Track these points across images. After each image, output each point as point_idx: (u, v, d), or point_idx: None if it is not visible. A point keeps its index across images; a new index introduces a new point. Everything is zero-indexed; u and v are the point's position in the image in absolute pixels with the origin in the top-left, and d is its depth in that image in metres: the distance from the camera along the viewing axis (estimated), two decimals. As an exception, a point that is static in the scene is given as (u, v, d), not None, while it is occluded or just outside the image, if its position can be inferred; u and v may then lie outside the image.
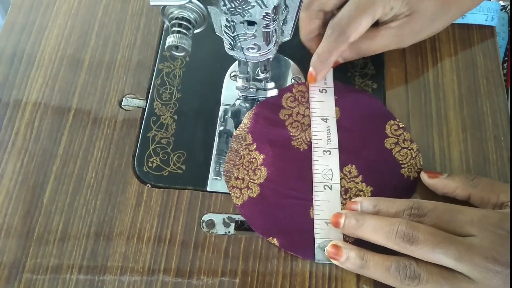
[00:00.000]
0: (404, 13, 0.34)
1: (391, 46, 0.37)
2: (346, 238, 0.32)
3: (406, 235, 0.27)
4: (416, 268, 0.27)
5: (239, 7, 0.25)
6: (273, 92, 0.38)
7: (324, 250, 0.32)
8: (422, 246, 0.27)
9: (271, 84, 0.38)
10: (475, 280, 0.26)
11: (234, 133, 0.36)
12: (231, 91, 0.40)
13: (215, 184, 0.36)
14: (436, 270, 0.27)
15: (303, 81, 0.40)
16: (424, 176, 0.34)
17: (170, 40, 0.24)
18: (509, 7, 0.46)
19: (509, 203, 0.29)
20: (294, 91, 0.38)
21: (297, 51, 0.41)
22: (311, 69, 0.37)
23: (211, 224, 0.34)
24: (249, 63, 0.34)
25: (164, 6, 0.24)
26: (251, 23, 0.26)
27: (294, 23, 0.31)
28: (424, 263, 0.27)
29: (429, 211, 0.29)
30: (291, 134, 0.36)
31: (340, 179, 0.34)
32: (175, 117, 0.39)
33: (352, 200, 0.33)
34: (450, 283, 0.26)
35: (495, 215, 0.28)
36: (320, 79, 0.37)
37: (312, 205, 0.33)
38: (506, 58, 0.52)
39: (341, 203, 0.34)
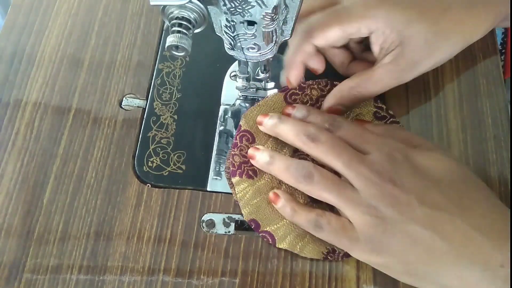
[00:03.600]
0: (394, 43, 0.32)
1: (390, 84, 0.33)
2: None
3: (312, 134, 0.30)
4: (312, 169, 0.30)
5: (239, 7, 0.25)
6: (273, 92, 0.38)
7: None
8: (320, 146, 0.29)
9: (271, 84, 0.38)
10: (358, 189, 0.28)
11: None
12: (231, 91, 0.40)
13: (215, 184, 0.36)
14: (329, 175, 0.29)
15: (303, 81, 0.40)
16: (355, 122, 0.35)
17: (170, 40, 0.24)
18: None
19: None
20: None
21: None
22: (285, 71, 0.36)
23: (211, 224, 0.35)
24: (249, 63, 0.34)
25: (164, 6, 0.24)
26: (251, 23, 0.26)
27: (294, 23, 0.31)
28: (319, 168, 0.30)
29: (344, 126, 0.31)
30: None
31: None
32: (175, 117, 0.39)
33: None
34: (337, 187, 0.29)
35: (398, 143, 0.30)
36: (293, 80, 0.35)
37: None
38: (503, 51, 0.53)
39: None
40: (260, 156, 0.32)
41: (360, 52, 0.38)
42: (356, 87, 0.33)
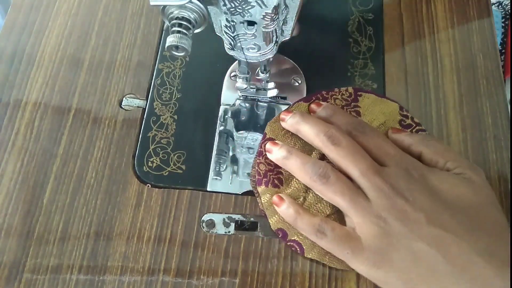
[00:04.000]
0: None
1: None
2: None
3: (333, 136, 0.30)
4: (329, 170, 0.29)
5: (239, 7, 0.25)
6: (273, 92, 0.38)
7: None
8: (340, 150, 0.29)
9: (271, 84, 0.38)
10: (370, 199, 0.28)
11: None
12: (231, 91, 0.40)
13: (215, 184, 0.36)
14: (344, 179, 0.29)
15: (303, 81, 0.40)
16: (389, 132, 0.34)
17: (170, 40, 0.24)
18: (505, 2, 0.46)
19: (455, 170, 0.30)
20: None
21: (297, 51, 0.41)
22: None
23: (211, 224, 0.35)
24: (249, 63, 0.34)
25: (164, 6, 0.24)
26: (251, 23, 0.26)
27: (294, 23, 0.31)
28: (336, 171, 0.30)
29: (368, 132, 0.31)
30: None
31: None
32: (175, 117, 0.39)
33: (317, 102, 0.34)
34: (350, 192, 0.28)
35: (416, 162, 0.30)
36: None
37: None
38: (503, 51, 0.53)
39: None
40: (278, 151, 0.32)
41: None
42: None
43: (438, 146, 0.31)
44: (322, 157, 0.33)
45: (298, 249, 0.32)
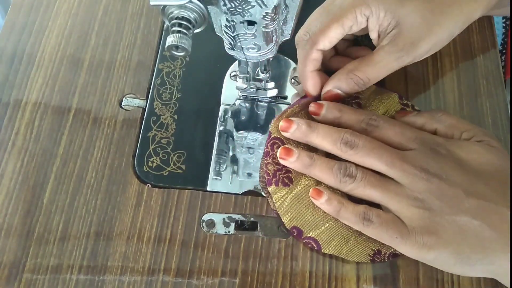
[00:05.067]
0: (391, 24, 0.31)
1: (390, 67, 0.32)
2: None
3: (349, 141, 0.30)
4: (354, 169, 0.30)
5: (239, 7, 0.25)
6: (273, 92, 0.38)
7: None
8: (359, 151, 0.30)
9: (271, 84, 0.38)
10: (403, 184, 0.29)
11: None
12: (231, 91, 0.40)
13: (215, 184, 0.36)
14: (370, 172, 0.30)
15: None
16: (396, 116, 0.35)
17: (170, 40, 0.24)
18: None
19: (473, 139, 0.31)
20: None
21: (297, 51, 0.41)
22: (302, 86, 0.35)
23: (211, 224, 0.35)
24: (249, 63, 0.34)
25: (164, 6, 0.24)
26: (251, 23, 0.26)
27: (294, 23, 0.31)
28: (361, 167, 0.30)
29: (382, 124, 0.31)
30: None
31: None
32: (175, 117, 0.39)
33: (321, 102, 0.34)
34: (381, 183, 0.29)
35: (438, 138, 0.31)
36: (312, 90, 0.34)
37: None
38: (504, 51, 0.53)
39: None
40: (298, 159, 0.31)
41: (345, 48, 0.37)
42: (355, 70, 0.32)
43: (449, 119, 0.32)
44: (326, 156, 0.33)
45: (315, 246, 0.32)
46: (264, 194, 0.34)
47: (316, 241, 0.32)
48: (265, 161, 0.33)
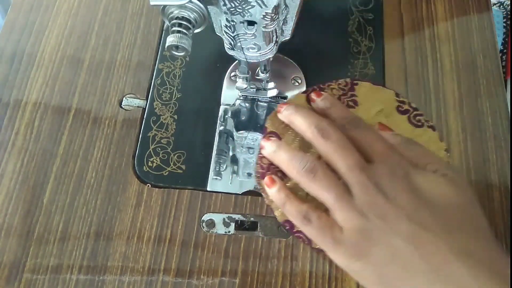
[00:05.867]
0: None
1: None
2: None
3: (324, 130, 0.30)
4: (316, 164, 0.30)
5: (239, 7, 0.25)
6: (273, 92, 0.38)
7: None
8: (330, 143, 0.30)
9: (271, 84, 0.38)
10: (354, 194, 0.28)
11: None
12: (231, 91, 0.40)
13: (215, 184, 0.36)
14: (331, 174, 0.29)
15: (303, 81, 0.40)
16: (376, 126, 0.34)
17: (170, 40, 0.24)
18: (506, 2, 0.46)
19: (436, 173, 0.30)
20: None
21: (297, 51, 0.41)
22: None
23: (211, 224, 0.34)
24: (249, 63, 0.34)
25: (164, 6, 0.24)
26: (251, 23, 0.26)
27: (294, 23, 0.31)
28: (323, 166, 0.30)
29: (361, 128, 0.31)
30: None
31: None
32: (175, 117, 0.39)
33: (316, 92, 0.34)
34: (336, 189, 0.29)
35: (404, 160, 0.30)
36: None
37: None
38: (505, 51, 0.53)
39: None
40: (268, 145, 0.32)
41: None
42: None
43: (419, 149, 0.32)
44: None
45: (306, 240, 0.32)
46: (259, 189, 0.34)
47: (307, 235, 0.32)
48: (260, 155, 0.33)
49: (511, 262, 0.26)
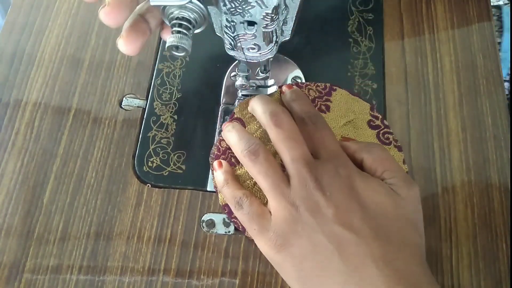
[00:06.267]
0: None
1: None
2: None
3: (278, 117, 0.30)
4: (260, 149, 0.30)
5: (239, 7, 0.25)
6: (273, 89, 0.38)
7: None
8: (280, 132, 0.30)
9: (271, 81, 0.38)
10: (291, 185, 0.29)
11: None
12: (231, 91, 0.40)
13: (215, 184, 0.36)
14: (273, 161, 0.30)
15: (303, 81, 0.40)
16: (341, 139, 0.35)
17: (170, 40, 0.24)
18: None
19: (389, 180, 0.30)
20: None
21: (297, 51, 0.41)
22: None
23: (211, 224, 0.35)
24: (249, 63, 0.34)
25: (164, 6, 0.24)
26: (251, 23, 0.26)
27: (294, 23, 0.31)
28: (268, 152, 0.30)
29: (319, 125, 0.32)
30: None
31: None
32: (175, 117, 0.39)
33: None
34: (274, 176, 0.29)
35: (351, 163, 0.30)
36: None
37: None
38: None
39: None
40: (227, 125, 0.33)
41: None
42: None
43: (380, 153, 0.31)
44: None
45: (240, 226, 0.32)
46: (211, 170, 0.35)
47: None
48: (220, 138, 0.34)
49: (511, 263, 0.26)
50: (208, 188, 0.36)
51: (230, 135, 0.32)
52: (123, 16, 0.25)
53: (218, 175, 0.32)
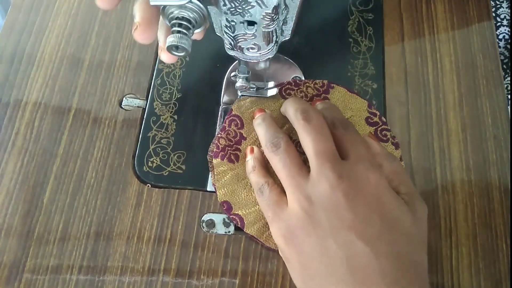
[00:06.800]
0: None
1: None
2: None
3: (307, 112, 0.30)
4: (282, 140, 0.30)
5: (239, 7, 0.24)
6: (273, 92, 0.38)
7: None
8: (307, 126, 0.30)
9: (271, 83, 0.38)
10: (310, 178, 0.28)
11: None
12: (231, 91, 0.40)
13: (215, 184, 0.36)
14: (294, 153, 0.30)
15: (302, 79, 0.40)
16: (369, 133, 0.35)
17: (170, 40, 0.24)
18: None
19: (403, 196, 0.30)
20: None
21: (297, 51, 0.41)
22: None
23: (211, 224, 0.35)
24: (249, 63, 0.34)
25: (164, 6, 0.24)
26: (251, 23, 0.26)
27: (294, 23, 0.31)
28: (290, 144, 0.30)
29: (350, 130, 0.31)
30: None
31: None
32: (175, 117, 0.39)
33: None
34: (293, 168, 0.29)
35: (381, 169, 0.29)
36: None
37: None
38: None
39: None
40: (255, 119, 0.34)
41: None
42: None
43: (399, 166, 0.31)
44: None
45: (239, 223, 0.33)
46: (209, 168, 0.35)
47: (242, 219, 0.33)
48: (219, 135, 0.34)
49: (511, 263, 0.26)
50: (208, 188, 0.36)
51: (259, 128, 0.33)
52: (154, 31, 0.26)
53: (248, 161, 0.33)
